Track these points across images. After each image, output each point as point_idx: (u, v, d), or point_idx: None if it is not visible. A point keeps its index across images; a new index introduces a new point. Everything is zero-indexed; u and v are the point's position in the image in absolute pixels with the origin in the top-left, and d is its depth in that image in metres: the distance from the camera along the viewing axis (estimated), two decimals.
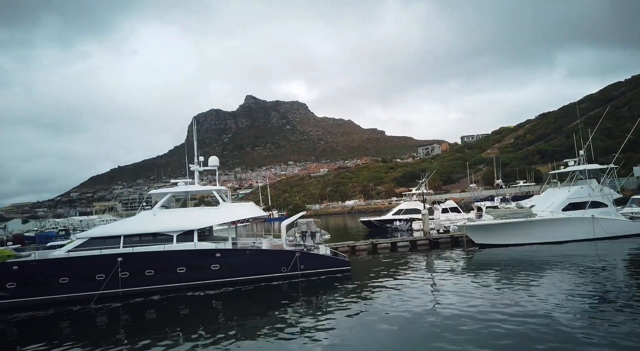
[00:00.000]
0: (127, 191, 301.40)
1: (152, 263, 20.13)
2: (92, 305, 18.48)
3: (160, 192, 24.07)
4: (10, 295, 19.34)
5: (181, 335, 14.15)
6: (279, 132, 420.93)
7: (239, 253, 21.58)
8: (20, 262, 19.68)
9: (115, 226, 22.09)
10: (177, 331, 14.67)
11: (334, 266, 22.00)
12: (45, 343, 14.41)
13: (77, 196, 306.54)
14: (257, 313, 16.47)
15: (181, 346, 12.93)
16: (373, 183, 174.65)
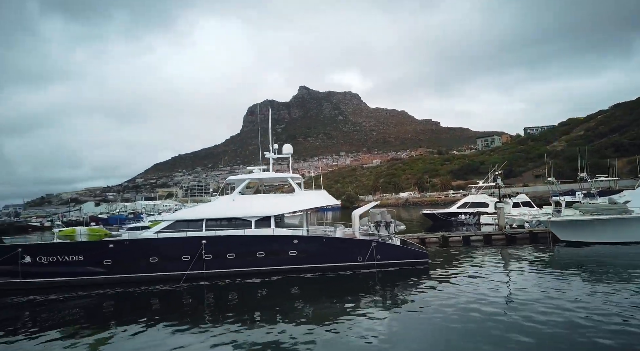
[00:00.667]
0: (186, 178, 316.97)
1: (233, 247, 20.76)
2: (181, 284, 19.40)
3: (238, 178, 24.70)
4: (106, 271, 20.78)
5: (259, 317, 14.49)
6: (331, 122, 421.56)
7: (316, 240, 21.70)
8: (115, 241, 21.07)
9: (198, 210, 22.98)
10: (255, 313, 15.03)
11: (411, 257, 21.51)
12: (137, 316, 15.31)
13: (142, 182, 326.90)
14: (332, 301, 16.45)
15: (258, 329, 13.18)
16: (428, 175, 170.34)
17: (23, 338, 13.91)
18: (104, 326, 14.62)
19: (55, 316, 16.64)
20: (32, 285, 20.78)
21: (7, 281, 20.90)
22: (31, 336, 13.99)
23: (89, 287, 20.28)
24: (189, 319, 14.80)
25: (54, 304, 18.39)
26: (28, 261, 20.83)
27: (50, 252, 20.88)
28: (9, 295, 20.28)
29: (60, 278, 20.76)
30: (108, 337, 13.43)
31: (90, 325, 15.11)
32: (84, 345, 12.77)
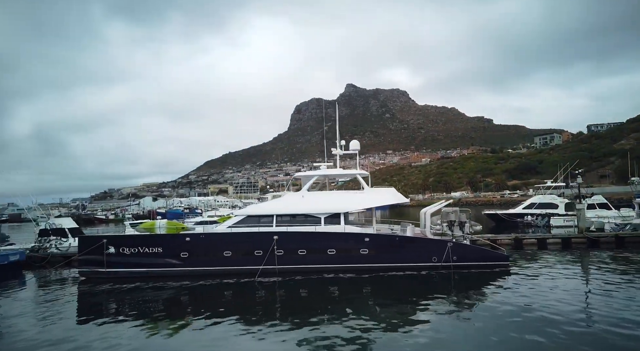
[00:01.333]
0: (236, 175, 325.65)
1: (305, 243, 20.76)
2: (256, 279, 19.66)
3: (306, 175, 24.71)
4: (183, 264, 21.49)
5: (328, 315, 14.32)
6: (378, 120, 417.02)
7: (389, 238, 21.24)
8: (191, 234, 21.74)
9: (268, 205, 23.23)
10: (325, 310, 14.89)
11: (490, 260, 20.51)
12: (211, 309, 15.66)
13: (195, 178, 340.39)
14: (404, 302, 15.92)
15: (326, 327, 13.01)
16: (481, 175, 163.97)
17: (108, 322, 14.74)
18: (180, 317, 15.08)
19: (135, 305, 17.37)
20: (115, 275, 21.93)
21: (94, 270, 22.20)
22: (114, 321, 14.79)
23: (166, 278, 21.09)
24: (260, 313, 14.94)
25: (135, 293, 19.20)
26: (112, 251, 21.98)
27: (132, 244, 21.91)
28: (96, 282, 21.58)
29: (140, 268, 21.75)
30: (183, 326, 13.86)
31: (166, 314, 15.66)
32: (161, 334, 13.22)
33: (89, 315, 16.07)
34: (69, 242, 32.65)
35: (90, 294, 20.02)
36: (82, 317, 15.90)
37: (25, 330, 14.14)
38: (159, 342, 12.52)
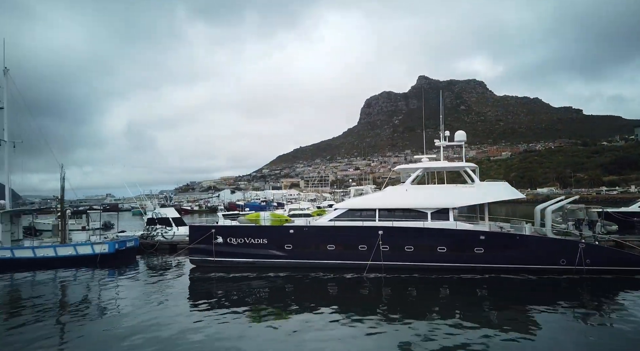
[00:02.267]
0: (307, 169, 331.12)
1: (412, 239, 19.87)
2: (364, 275, 19.18)
3: (410, 167, 23.66)
4: (286, 256, 21.66)
5: (438, 317, 13.39)
6: (452, 113, 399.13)
7: (509, 237, 19.60)
8: (295, 227, 21.84)
9: (370, 199, 22.63)
10: (432, 313, 13.93)
11: (631, 264, 18.10)
12: (314, 302, 15.55)
13: (268, 172, 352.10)
14: (525, 311, 14.17)
15: (436, 329, 12.12)
16: (570, 169, 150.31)
17: (216, 309, 15.20)
18: (283, 308, 15.08)
19: (241, 294, 17.75)
20: (222, 264, 22.73)
21: (203, 258, 23.21)
22: (221, 309, 15.21)
23: (270, 269, 21.39)
24: (363, 310, 14.40)
25: (241, 282, 19.64)
26: (220, 241, 22.79)
27: (239, 234, 22.53)
28: (205, 271, 22.55)
29: (246, 258, 22.31)
30: (287, 318, 13.91)
31: (270, 305, 15.73)
32: (264, 324, 13.33)
33: (199, 301, 16.73)
34: (173, 231, 34.84)
35: (200, 281, 20.92)
36: (193, 303, 16.60)
37: (143, 313, 14.98)
38: (263, 331, 12.61)
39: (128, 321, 13.88)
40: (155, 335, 12.43)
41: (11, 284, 22.02)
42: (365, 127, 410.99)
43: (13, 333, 13.32)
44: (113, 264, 26.11)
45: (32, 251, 26.20)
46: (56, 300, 18.26)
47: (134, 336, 12.36)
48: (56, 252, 26.30)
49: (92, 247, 26.56)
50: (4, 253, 26.16)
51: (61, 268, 24.80)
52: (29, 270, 24.55)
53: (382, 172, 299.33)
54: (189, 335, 12.43)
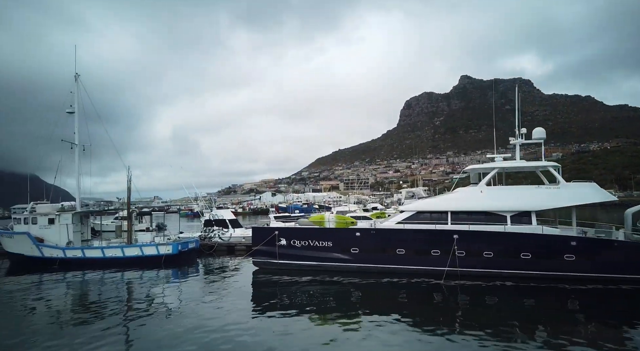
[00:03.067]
0: (346, 172, 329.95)
1: (492, 245, 18.64)
2: (442, 282, 18.16)
3: (484, 167, 22.35)
4: (353, 259, 20.99)
5: (523, 331, 12.27)
6: (496, 113, 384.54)
7: (605, 244, 17.91)
8: (362, 229, 21.14)
9: (441, 201, 21.53)
10: (520, 327, 12.72)
11: None
12: (383, 309, 14.98)
13: (307, 175, 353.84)
14: (626, 327, 12.73)
15: (520, 345, 11.05)
16: (629, 171, 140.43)
17: (279, 312, 14.90)
18: (350, 314, 14.51)
19: (305, 298, 17.30)
20: (286, 266, 22.39)
21: (266, 260, 22.97)
22: (285, 312, 14.85)
23: (335, 273, 20.80)
24: (438, 320, 13.64)
25: (305, 286, 19.26)
26: (283, 243, 22.47)
27: (303, 236, 22.12)
28: (268, 273, 22.29)
29: (310, 261, 21.83)
30: (354, 324, 13.27)
31: (336, 310, 15.25)
32: (330, 330, 12.84)
33: (262, 303, 16.57)
34: (230, 232, 35.09)
35: (263, 284, 20.74)
36: (256, 305, 16.45)
37: (207, 314, 14.95)
38: (327, 337, 12.14)
39: (192, 322, 13.93)
40: (219, 336, 12.44)
41: (82, 283, 22.83)
42: (405, 129, 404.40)
43: (81, 329, 13.76)
44: (176, 265, 26.49)
45: (101, 251, 27.06)
46: (124, 299, 18.76)
47: (196, 337, 12.39)
48: (123, 252, 27.03)
49: (157, 248, 27.08)
50: (75, 252, 27.17)
51: (127, 268, 25.43)
52: (98, 269, 25.33)
53: (424, 175, 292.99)
54: (251, 337, 12.30)
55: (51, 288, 21.50)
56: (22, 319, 15.40)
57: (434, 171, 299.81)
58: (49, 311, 16.58)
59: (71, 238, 27.91)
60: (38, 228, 27.94)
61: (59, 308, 17.11)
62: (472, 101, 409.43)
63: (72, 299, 19.23)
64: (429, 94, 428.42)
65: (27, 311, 16.78)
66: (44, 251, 27.24)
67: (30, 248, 27.35)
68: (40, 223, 28.01)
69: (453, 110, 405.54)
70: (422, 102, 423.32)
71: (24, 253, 27.55)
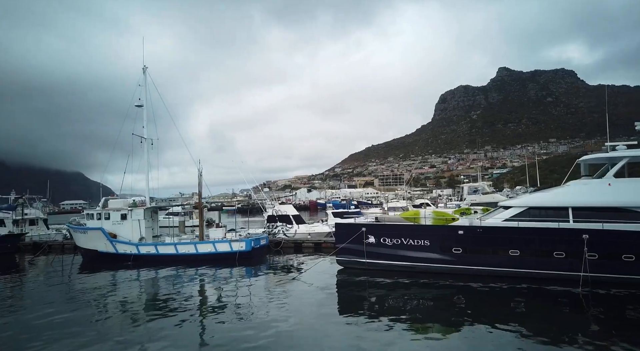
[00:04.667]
0: (380, 168, 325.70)
1: (634, 247, 16.19)
2: (580, 290, 15.92)
3: (610, 156, 19.18)
4: (455, 260, 19.08)
5: None
6: (537, 105, 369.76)
7: None
8: (466, 227, 19.18)
9: (557, 195, 19.08)
10: None
11: None
12: (495, 317, 13.30)
13: (340, 171, 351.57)
14: None
15: None
16: None
17: (368, 318, 13.56)
18: (453, 323, 12.91)
19: (398, 302, 15.84)
20: (375, 266, 20.76)
21: (353, 259, 21.41)
22: (375, 318, 13.54)
23: (432, 275, 19.01)
24: (559, 334, 11.52)
25: (397, 289, 17.67)
26: (372, 241, 20.84)
27: (395, 234, 20.41)
28: (354, 273, 20.72)
29: (403, 262, 20.11)
30: (457, 334, 11.83)
31: (434, 318, 13.65)
32: (428, 341, 11.41)
33: (348, 307, 15.28)
34: (294, 228, 33.85)
35: (349, 285, 19.30)
36: (342, 309, 15.10)
37: (285, 316, 13.95)
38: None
39: (271, 324, 13.10)
40: (300, 340, 11.68)
41: (156, 279, 22.33)
42: (440, 124, 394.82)
43: (154, 324, 13.50)
44: (249, 263, 25.45)
45: (174, 248, 26.35)
46: (199, 296, 18.16)
47: (275, 340, 11.62)
48: (197, 249, 26.20)
49: (230, 245, 26.12)
50: (148, 248, 26.58)
51: (201, 265, 24.68)
52: (171, 266, 24.64)
53: (461, 170, 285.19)
54: (335, 343, 11.33)
55: (126, 284, 21.20)
56: (97, 314, 15.28)
57: (472, 166, 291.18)
58: (123, 306, 16.37)
59: (143, 234, 27.38)
60: (111, 223, 27.56)
61: (134, 304, 16.82)
62: (510, 94, 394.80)
63: (147, 295, 18.80)
64: (465, 87, 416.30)
65: (102, 306, 16.60)
66: (117, 247, 26.83)
67: (104, 244, 27.01)
68: (113, 219, 27.62)
69: (491, 103, 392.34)
70: (458, 96, 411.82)
71: (97, 249, 27.26)
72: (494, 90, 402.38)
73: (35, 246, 35.03)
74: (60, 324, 13.78)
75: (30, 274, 25.24)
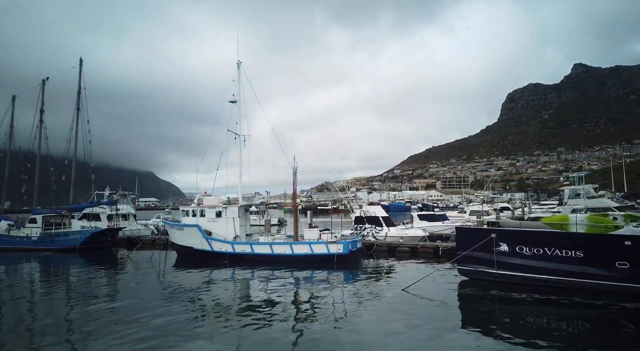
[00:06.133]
0: (441, 170, 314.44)
1: None
2: None
3: None
4: (619, 277, 15.80)
5: None
6: (617, 104, 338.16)
7: None
8: (635, 236, 15.80)
9: None
10: None
11: None
12: None
13: (399, 173, 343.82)
14: None
15: None
16: None
17: (500, 340, 11.39)
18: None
19: (541, 325, 13.00)
20: (508, 279, 17.96)
21: (479, 270, 18.77)
22: (510, 341, 11.18)
23: (587, 293, 15.87)
24: None
25: (539, 307, 14.87)
26: (504, 249, 18.06)
27: (535, 242, 17.47)
28: (483, 286, 18.04)
29: (545, 275, 17.13)
30: None
31: (595, 347, 10.94)
32: None
33: (478, 327, 12.64)
34: (385, 231, 31.60)
35: (475, 300, 16.63)
36: (468, 327, 12.75)
37: (396, 330, 12.09)
38: None
39: (387, 340, 11.39)
40: None
41: (251, 279, 21.32)
42: (507, 124, 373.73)
43: (248, 330, 12.61)
44: (347, 267, 23.61)
45: (269, 248, 25.15)
46: (297, 300, 16.83)
47: None
48: (292, 250, 24.79)
49: (327, 246, 24.41)
50: (244, 247, 25.64)
51: (296, 267, 23.41)
52: (266, 266, 23.50)
53: (531, 173, 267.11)
54: None
55: (221, 283, 20.33)
56: (191, 313, 14.71)
57: (544, 169, 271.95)
58: (217, 306, 15.73)
59: (237, 232, 26.49)
60: (206, 220, 26.99)
61: (229, 305, 15.99)
62: (587, 92, 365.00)
63: (242, 296, 17.89)
64: (536, 86, 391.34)
65: (198, 306, 15.91)
66: (213, 245, 26.16)
67: (200, 242, 26.46)
68: (208, 216, 27.02)
69: (564, 102, 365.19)
70: (527, 95, 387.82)
71: (193, 246, 26.77)
72: (568, 88, 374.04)
73: (129, 240, 35.79)
74: (163, 322, 13.36)
75: (132, 269, 25.24)
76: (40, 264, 27.75)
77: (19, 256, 30.41)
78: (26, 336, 12.54)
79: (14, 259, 29.24)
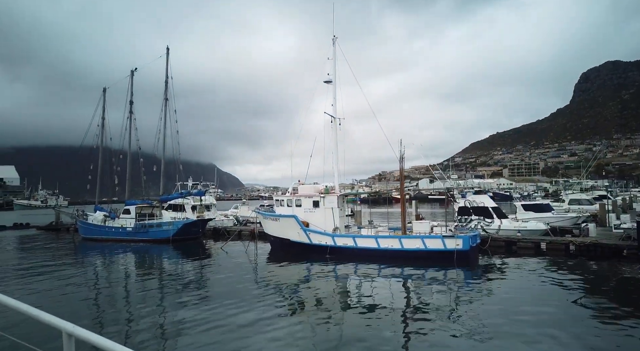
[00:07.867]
0: (507, 156, 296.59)
1: None
2: None
3: None
4: None
5: None
6: None
7: None
8: None
9: None
10: None
11: None
12: None
13: (461, 160, 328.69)
14: None
15: None
16: None
17: None
18: None
19: None
20: None
21: None
22: None
23: None
24: None
25: None
26: None
27: None
28: None
29: None
30: None
31: None
32: None
33: None
34: (496, 223, 28.12)
35: None
36: None
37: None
38: None
39: None
40: None
41: (355, 277, 19.25)
42: (581, 106, 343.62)
43: (353, 327, 11.97)
44: (467, 264, 20.64)
45: (375, 241, 22.75)
46: (408, 302, 15.06)
47: None
48: (402, 244, 22.20)
49: (444, 241, 21.52)
50: (346, 241, 23.49)
51: (406, 264, 20.99)
52: (371, 262, 21.31)
53: (611, 158, 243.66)
54: None
55: (321, 280, 18.64)
56: (292, 309, 13.93)
57: (626, 154, 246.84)
58: (317, 304, 14.74)
59: (337, 224, 24.36)
60: (303, 211, 25.14)
61: (330, 303, 14.79)
62: None
63: (346, 296, 16.09)
64: (614, 63, 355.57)
65: (297, 303, 14.85)
66: (311, 237, 24.27)
67: (297, 233, 24.67)
68: (305, 206, 25.13)
69: None
70: (604, 74, 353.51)
71: (290, 238, 25.05)
72: None
73: (215, 231, 35.13)
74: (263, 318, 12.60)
75: (228, 261, 23.96)
76: (137, 256, 27.45)
77: (116, 247, 30.55)
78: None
79: (111, 249, 29.36)
